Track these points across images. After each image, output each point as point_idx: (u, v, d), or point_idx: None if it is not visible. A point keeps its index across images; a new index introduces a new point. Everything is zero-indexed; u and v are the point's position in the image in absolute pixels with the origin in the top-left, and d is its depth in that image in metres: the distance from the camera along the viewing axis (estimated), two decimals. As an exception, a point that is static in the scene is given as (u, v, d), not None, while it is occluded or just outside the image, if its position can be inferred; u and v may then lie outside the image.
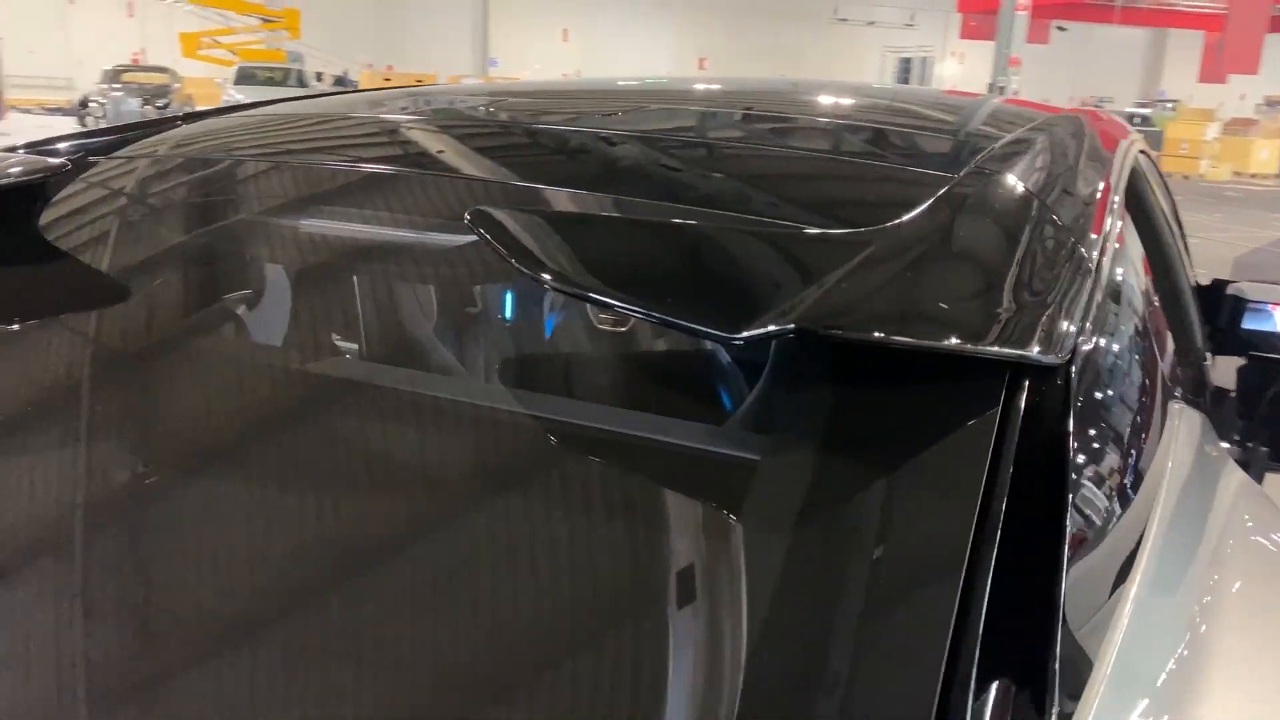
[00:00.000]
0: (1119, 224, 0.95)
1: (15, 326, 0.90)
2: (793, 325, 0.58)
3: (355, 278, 1.07)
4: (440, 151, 1.06)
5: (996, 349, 0.58)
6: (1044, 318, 0.63)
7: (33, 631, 0.62)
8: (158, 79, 18.64)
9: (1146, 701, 0.58)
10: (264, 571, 0.66)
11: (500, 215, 0.69)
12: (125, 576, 0.67)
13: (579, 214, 0.84)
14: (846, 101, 1.39)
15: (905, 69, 28.81)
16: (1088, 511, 0.65)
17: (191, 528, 0.68)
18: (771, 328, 0.58)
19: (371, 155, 1.07)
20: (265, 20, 21.05)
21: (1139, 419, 0.84)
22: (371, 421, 0.77)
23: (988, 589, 0.50)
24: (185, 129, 1.24)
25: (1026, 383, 0.60)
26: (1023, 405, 0.59)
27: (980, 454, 0.56)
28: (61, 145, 1.12)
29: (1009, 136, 1.05)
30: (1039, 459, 0.57)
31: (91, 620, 0.62)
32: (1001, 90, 15.19)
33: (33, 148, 1.11)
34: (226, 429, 0.78)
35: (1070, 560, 0.55)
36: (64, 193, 1.03)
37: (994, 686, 0.48)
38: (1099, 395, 0.74)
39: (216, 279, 1.02)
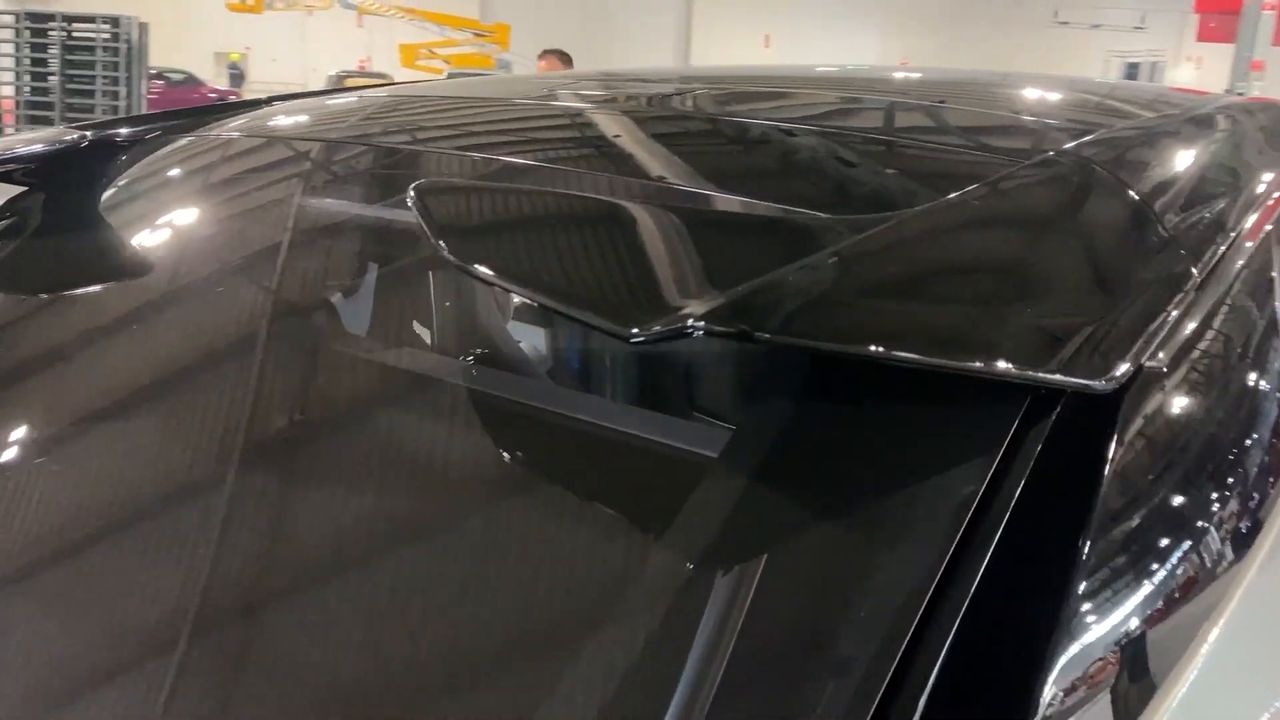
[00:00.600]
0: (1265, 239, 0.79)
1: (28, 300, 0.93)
2: (701, 326, 0.50)
3: (377, 266, 1.02)
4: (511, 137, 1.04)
5: (997, 366, 0.50)
6: (1083, 335, 0.54)
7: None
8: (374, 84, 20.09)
9: None
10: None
11: (436, 188, 0.67)
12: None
13: (513, 190, 0.77)
14: (919, 81, 1.29)
15: (1132, 76, 26.82)
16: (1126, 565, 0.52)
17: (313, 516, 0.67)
18: (674, 326, 0.50)
19: (424, 136, 1.06)
20: (478, 34, 22.34)
21: (1236, 474, 0.65)
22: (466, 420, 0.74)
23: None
24: (266, 110, 1.26)
25: (1052, 410, 0.52)
26: (1038, 436, 0.51)
27: (965, 489, 0.49)
28: (124, 129, 1.16)
29: (1125, 124, 0.90)
30: (1052, 506, 0.50)
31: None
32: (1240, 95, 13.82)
33: (100, 127, 1.15)
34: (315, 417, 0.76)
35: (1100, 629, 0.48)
36: (122, 168, 1.08)
37: None
38: (1170, 436, 0.60)
39: (230, 261, 1.00)
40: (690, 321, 0.50)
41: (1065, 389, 0.51)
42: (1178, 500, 0.57)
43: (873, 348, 0.51)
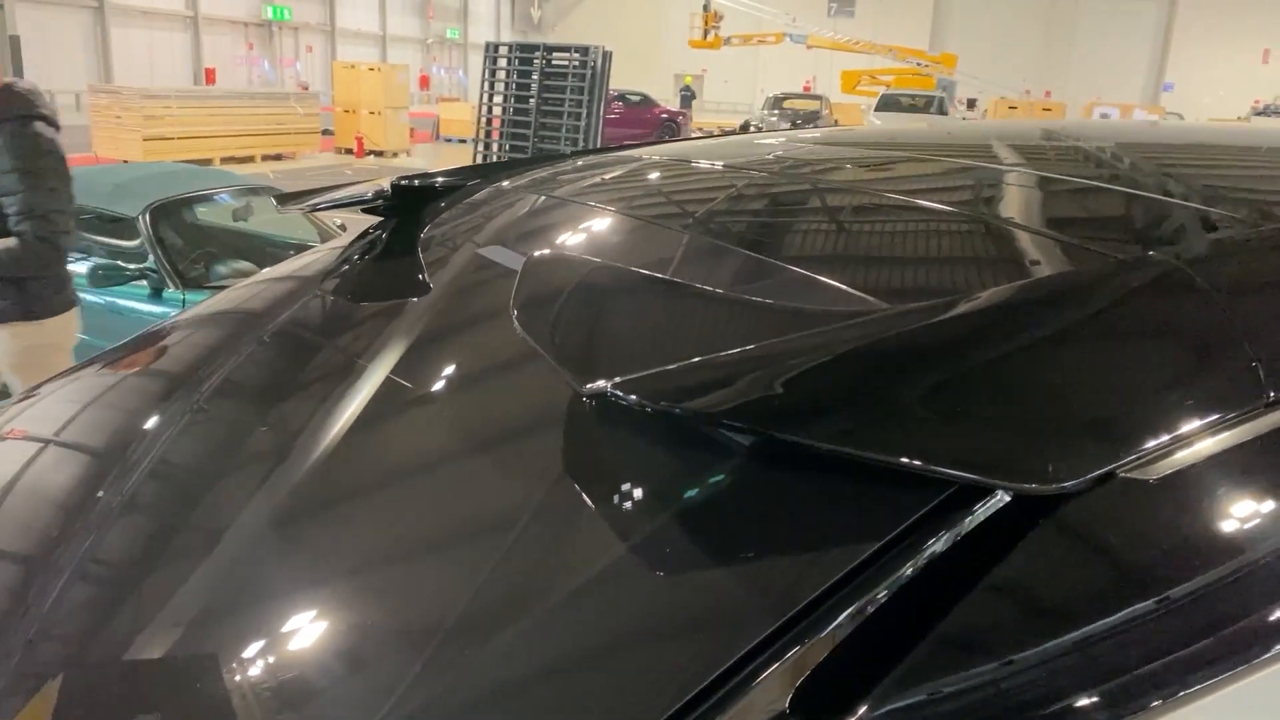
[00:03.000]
0: None
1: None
2: (617, 393, 0.58)
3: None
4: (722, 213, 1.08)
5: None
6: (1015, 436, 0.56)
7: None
8: (810, 105, 20.82)
9: None
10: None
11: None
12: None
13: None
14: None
15: None
16: None
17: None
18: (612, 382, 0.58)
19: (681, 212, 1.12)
20: (919, 65, 22.01)
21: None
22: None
23: None
24: (551, 169, 1.39)
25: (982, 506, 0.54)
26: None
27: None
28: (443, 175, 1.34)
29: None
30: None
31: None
32: None
33: (418, 177, 1.33)
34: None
35: None
36: (427, 219, 1.26)
37: None
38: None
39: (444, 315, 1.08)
40: (609, 387, 0.57)
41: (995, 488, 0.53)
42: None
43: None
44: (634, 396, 0.57)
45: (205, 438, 0.95)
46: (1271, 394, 0.60)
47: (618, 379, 0.58)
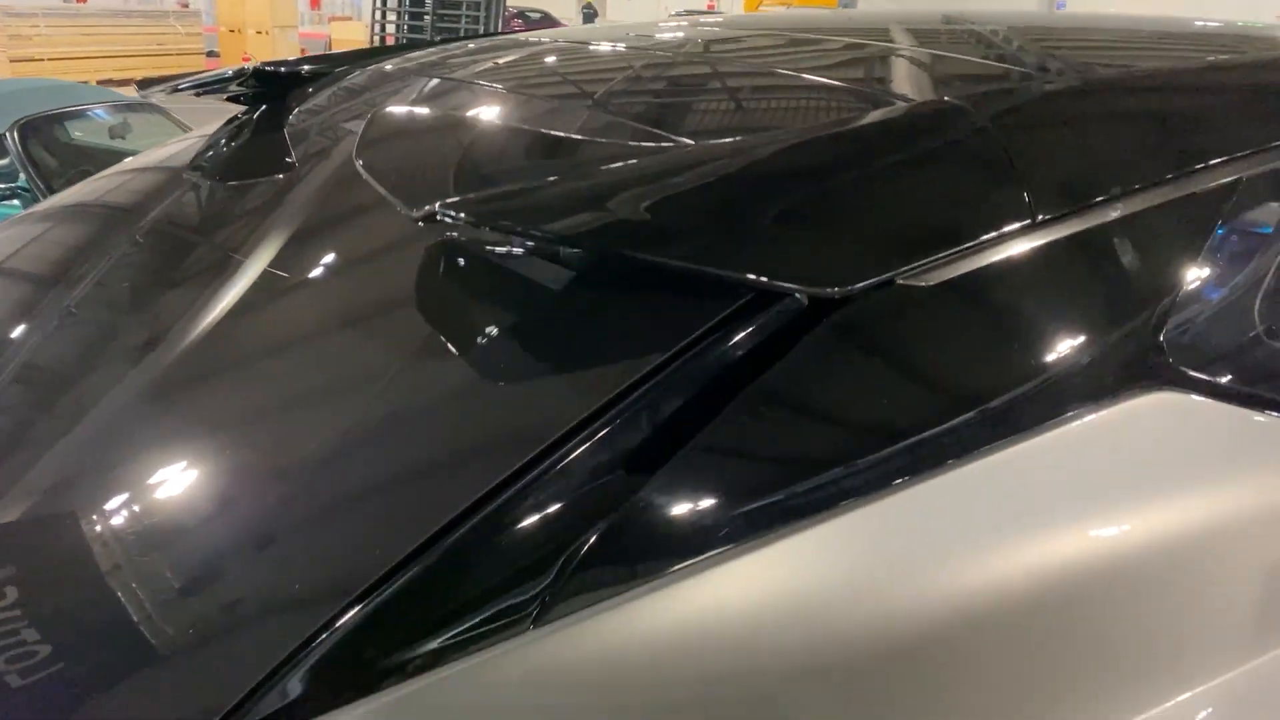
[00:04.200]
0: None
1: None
2: (446, 213, 0.63)
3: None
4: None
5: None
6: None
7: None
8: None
9: None
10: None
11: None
12: None
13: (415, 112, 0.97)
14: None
15: None
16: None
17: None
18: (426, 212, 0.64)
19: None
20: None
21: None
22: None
23: None
24: (428, 50, 1.44)
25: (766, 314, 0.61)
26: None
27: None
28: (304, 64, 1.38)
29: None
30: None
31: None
32: None
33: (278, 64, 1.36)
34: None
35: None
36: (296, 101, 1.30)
37: None
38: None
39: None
40: (438, 208, 0.63)
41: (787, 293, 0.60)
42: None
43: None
44: (461, 216, 0.63)
45: (76, 334, 0.97)
46: (1040, 216, 0.68)
47: (444, 201, 0.64)
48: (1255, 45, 1.16)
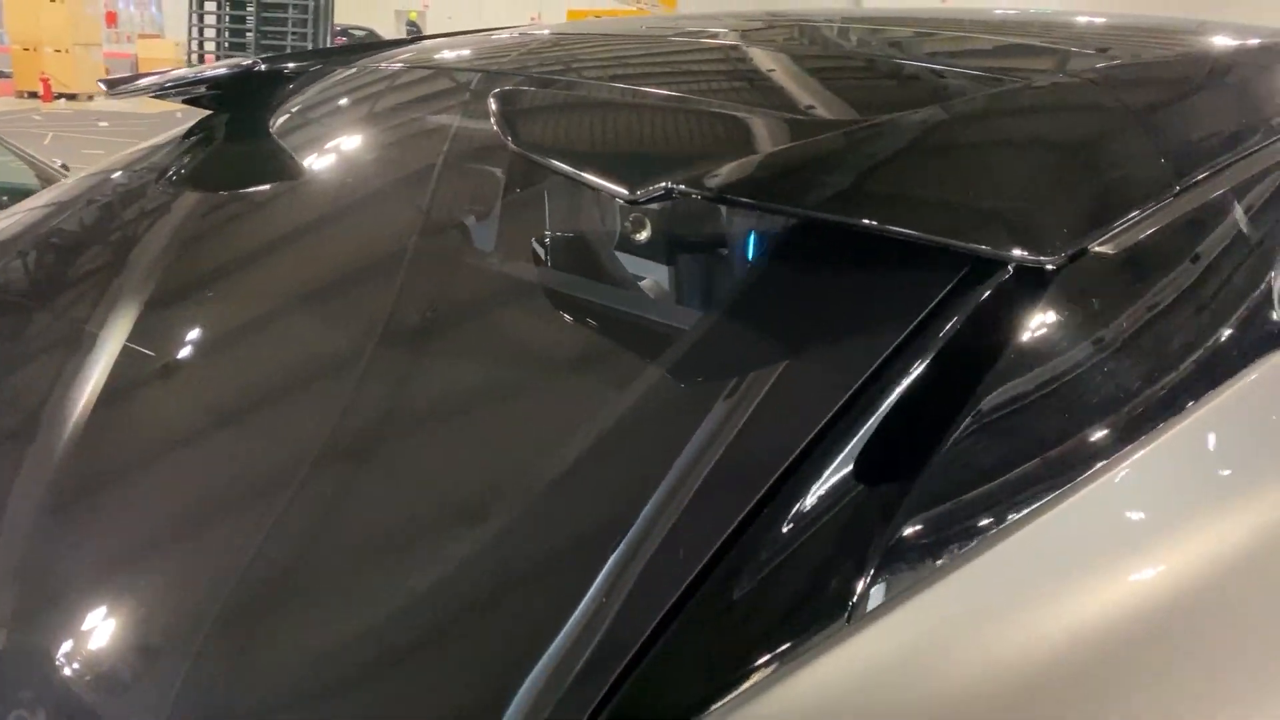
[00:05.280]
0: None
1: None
2: (681, 187, 0.60)
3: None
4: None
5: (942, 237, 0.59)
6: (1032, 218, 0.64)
7: None
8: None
9: None
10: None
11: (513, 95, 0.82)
12: None
13: (567, 91, 0.98)
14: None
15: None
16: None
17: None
18: (664, 187, 0.60)
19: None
20: (647, 5, 22.53)
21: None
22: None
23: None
24: (418, 45, 1.41)
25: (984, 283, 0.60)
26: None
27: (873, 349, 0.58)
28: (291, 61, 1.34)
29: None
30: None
31: None
32: None
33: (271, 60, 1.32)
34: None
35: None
36: (291, 95, 1.27)
37: None
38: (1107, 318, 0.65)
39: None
40: (671, 187, 0.59)
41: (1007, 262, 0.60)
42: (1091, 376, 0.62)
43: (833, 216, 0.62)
44: (703, 193, 0.60)
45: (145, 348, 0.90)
46: (1179, 185, 0.71)
47: (676, 178, 0.60)
48: None
